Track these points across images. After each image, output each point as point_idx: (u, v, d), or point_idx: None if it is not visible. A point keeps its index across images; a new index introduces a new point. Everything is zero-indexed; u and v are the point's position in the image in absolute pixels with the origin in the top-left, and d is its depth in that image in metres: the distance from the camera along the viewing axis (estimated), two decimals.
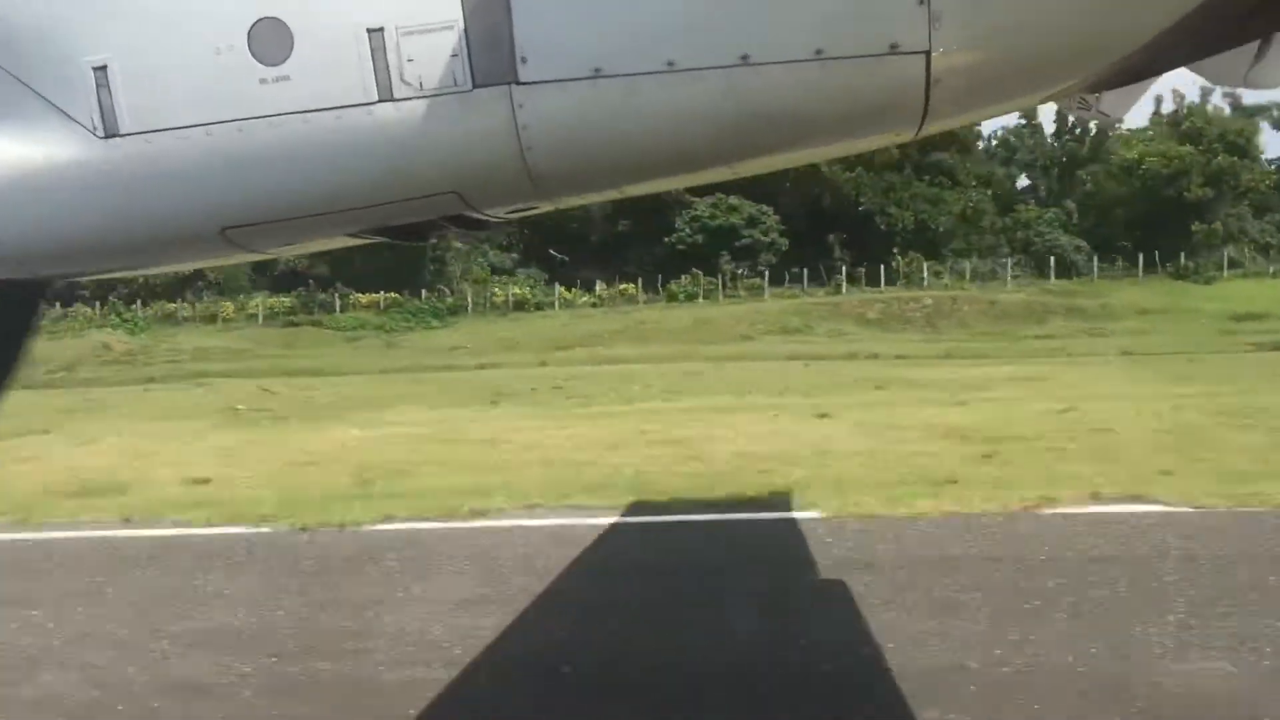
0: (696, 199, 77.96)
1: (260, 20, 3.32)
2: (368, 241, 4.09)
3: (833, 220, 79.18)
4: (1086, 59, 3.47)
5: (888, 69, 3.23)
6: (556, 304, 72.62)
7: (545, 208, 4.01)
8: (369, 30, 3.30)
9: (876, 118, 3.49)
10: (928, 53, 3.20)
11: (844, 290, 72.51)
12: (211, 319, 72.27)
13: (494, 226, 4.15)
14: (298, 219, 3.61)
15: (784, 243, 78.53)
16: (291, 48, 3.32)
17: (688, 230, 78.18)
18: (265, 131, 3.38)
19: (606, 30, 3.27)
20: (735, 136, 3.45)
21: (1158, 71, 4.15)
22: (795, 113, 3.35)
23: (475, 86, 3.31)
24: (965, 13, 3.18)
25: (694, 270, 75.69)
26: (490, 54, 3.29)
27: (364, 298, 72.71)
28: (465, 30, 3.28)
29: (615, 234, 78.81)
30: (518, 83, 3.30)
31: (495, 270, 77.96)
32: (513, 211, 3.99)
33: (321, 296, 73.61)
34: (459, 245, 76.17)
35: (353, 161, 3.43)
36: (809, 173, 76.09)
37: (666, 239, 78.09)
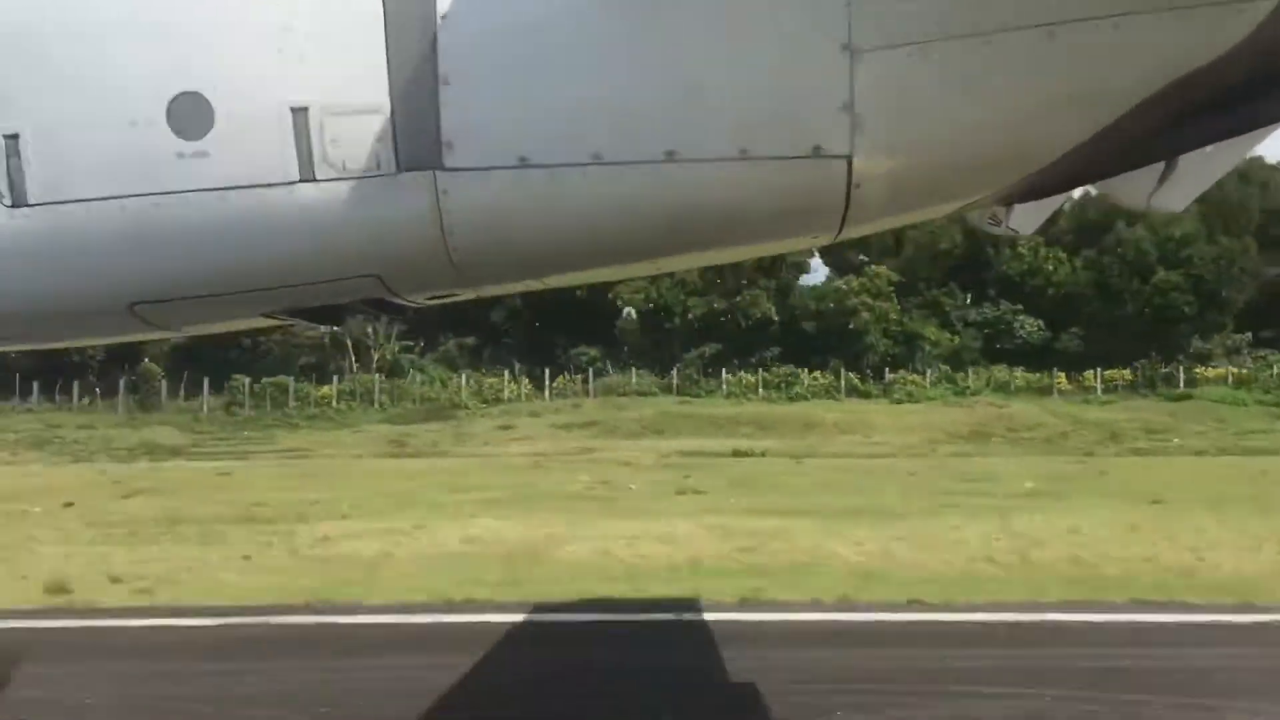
0: None
1: (181, 94, 3.27)
2: (281, 323, 4.01)
3: None
4: (1000, 172, 3.58)
5: (811, 170, 3.30)
6: None
7: (467, 295, 3.97)
8: (293, 109, 3.27)
9: (798, 217, 3.54)
10: (849, 157, 3.27)
11: None
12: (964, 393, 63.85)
13: (411, 312, 4.10)
14: (211, 297, 3.53)
15: None
16: (212, 123, 3.27)
17: None
18: (180, 207, 3.31)
19: (534, 121, 3.28)
20: (658, 231, 3.48)
21: (1065, 189, 4.28)
22: (719, 209, 3.39)
23: (400, 170, 3.29)
24: (886, 121, 3.26)
25: None
26: (416, 139, 3.28)
27: (1113, 374, 66.52)
28: (392, 114, 3.27)
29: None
30: (443, 168, 3.29)
31: None
32: (433, 297, 3.94)
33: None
34: None
35: (271, 241, 3.36)
36: None
37: None
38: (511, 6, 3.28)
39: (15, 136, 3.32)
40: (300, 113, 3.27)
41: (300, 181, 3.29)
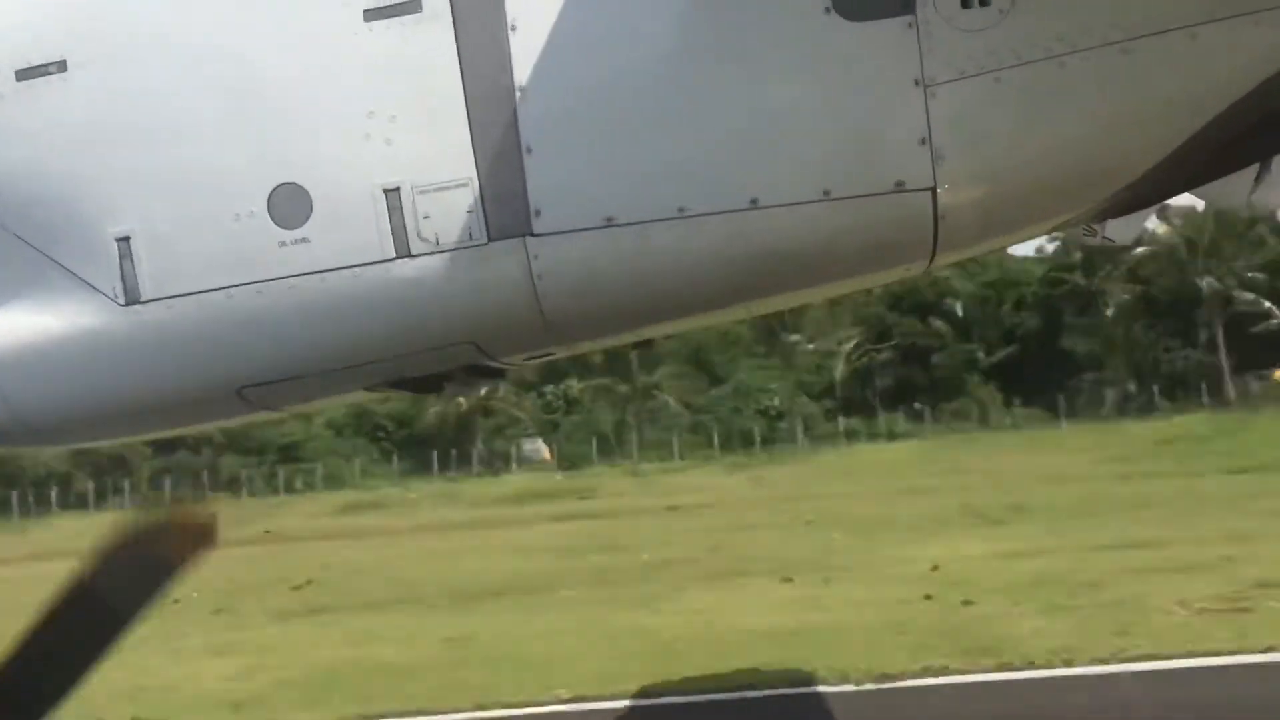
0: None
1: (280, 185, 3.42)
2: (381, 395, 4.12)
3: None
4: (1087, 190, 3.54)
5: (895, 206, 3.30)
6: None
7: (561, 353, 4.04)
8: (385, 190, 3.39)
9: (886, 253, 3.54)
10: (933, 189, 3.27)
11: None
12: None
13: (507, 375, 4.18)
14: (315, 376, 3.65)
15: None
16: (310, 211, 3.41)
17: None
18: (284, 292, 3.44)
19: (617, 180, 3.35)
20: (747, 277, 3.50)
21: (1159, 199, 4.21)
22: (806, 252, 3.41)
23: (490, 239, 3.38)
24: (966, 151, 3.26)
25: None
26: (504, 208, 3.37)
27: None
28: (480, 186, 3.37)
29: None
30: (532, 234, 3.37)
31: None
32: (529, 358, 4.02)
33: None
34: None
35: (371, 317, 3.47)
36: None
37: None
38: (586, 73, 3.35)
39: (127, 238, 3.49)
40: (392, 193, 3.38)
41: (396, 258, 3.40)
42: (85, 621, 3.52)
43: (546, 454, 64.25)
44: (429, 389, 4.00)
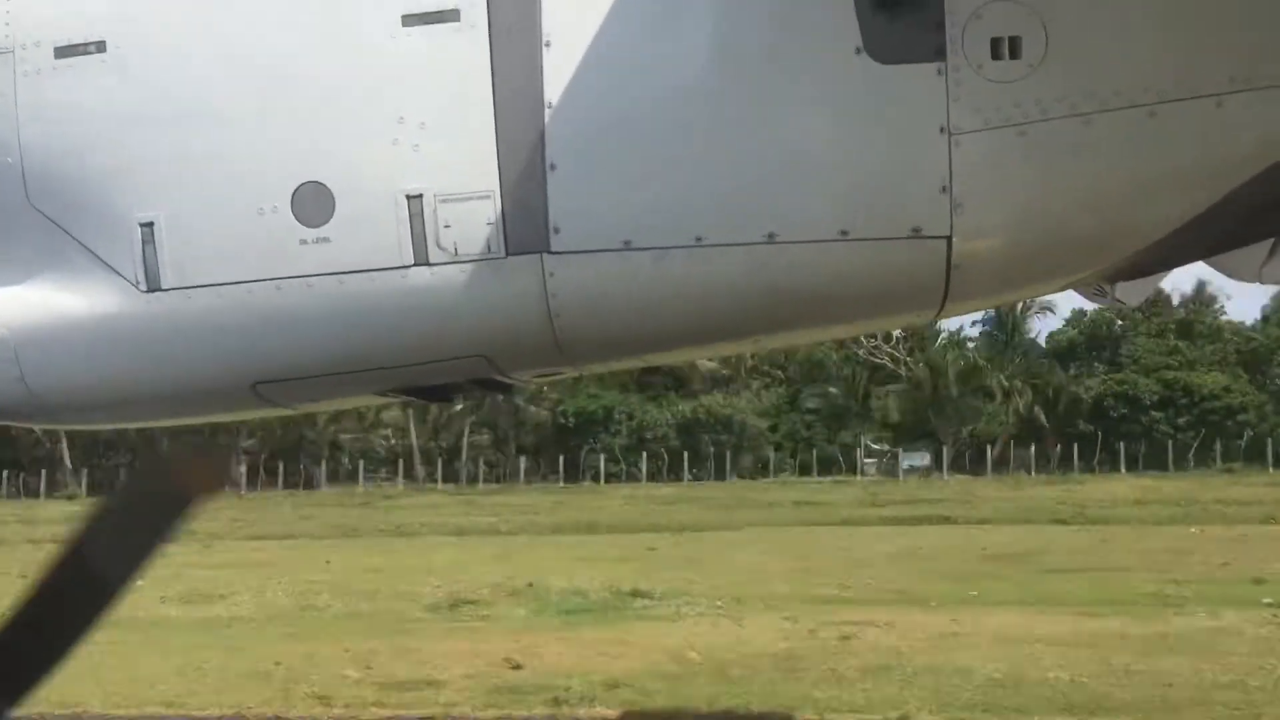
0: None
1: (304, 184, 3.44)
2: (391, 401, 4.13)
3: None
4: (1103, 251, 3.56)
5: (910, 251, 3.33)
6: None
7: (571, 373, 4.05)
8: (408, 196, 3.41)
9: (898, 298, 3.57)
10: (949, 238, 3.29)
11: None
12: None
13: (517, 390, 4.20)
14: (328, 376, 3.66)
15: None
16: (333, 211, 3.43)
17: None
18: (302, 291, 3.46)
19: (638, 205, 3.38)
20: (760, 311, 3.53)
21: (1174, 264, 4.24)
22: (819, 290, 3.43)
23: (508, 254, 3.41)
24: (985, 202, 3.29)
25: None
26: (524, 223, 3.39)
27: None
28: (501, 199, 3.39)
29: None
30: (549, 252, 3.40)
31: None
32: (538, 376, 4.03)
33: None
34: None
35: (386, 322, 3.50)
36: None
37: None
38: (617, 96, 3.38)
39: (151, 224, 3.51)
40: (415, 199, 3.41)
41: (414, 265, 3.42)
42: (79, 586, 3.54)
43: None
44: (439, 397, 4.02)
